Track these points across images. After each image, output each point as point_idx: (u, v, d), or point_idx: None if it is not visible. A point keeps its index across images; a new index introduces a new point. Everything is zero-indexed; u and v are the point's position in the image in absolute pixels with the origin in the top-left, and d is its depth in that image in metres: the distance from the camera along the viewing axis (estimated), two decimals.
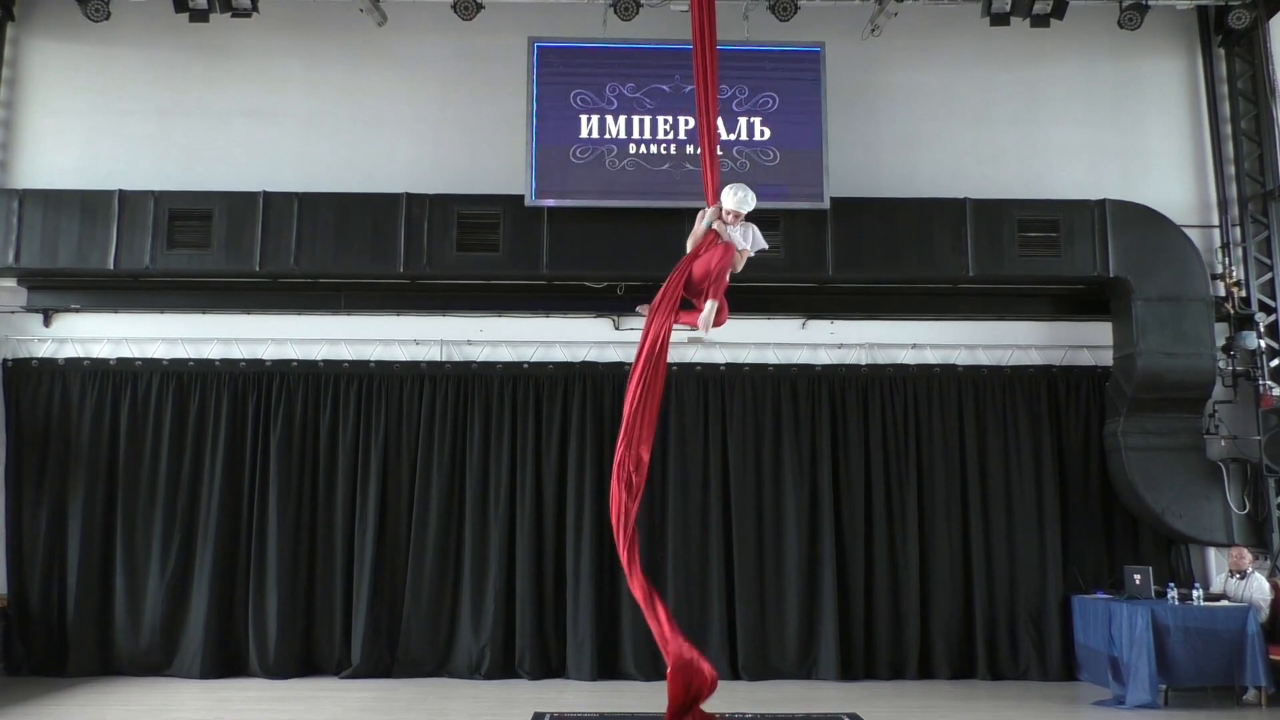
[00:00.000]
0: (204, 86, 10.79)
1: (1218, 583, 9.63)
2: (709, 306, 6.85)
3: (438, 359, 10.45)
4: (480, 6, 10.40)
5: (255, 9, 10.20)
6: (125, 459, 10.10)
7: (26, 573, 9.92)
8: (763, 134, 10.21)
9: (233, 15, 10.17)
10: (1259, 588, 9.07)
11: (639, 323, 10.38)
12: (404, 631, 9.91)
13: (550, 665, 9.90)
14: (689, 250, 6.98)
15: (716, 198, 6.92)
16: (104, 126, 10.68)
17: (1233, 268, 10.52)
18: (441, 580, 9.99)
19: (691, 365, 10.44)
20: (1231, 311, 10.35)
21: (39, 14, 10.84)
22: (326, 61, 10.86)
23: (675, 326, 6.92)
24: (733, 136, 10.17)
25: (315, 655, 9.95)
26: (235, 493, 10.09)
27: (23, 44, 10.87)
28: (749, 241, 7.01)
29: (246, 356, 10.39)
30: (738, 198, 6.88)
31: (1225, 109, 10.91)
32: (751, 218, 10.10)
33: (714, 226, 6.94)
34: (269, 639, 9.79)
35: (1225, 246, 10.63)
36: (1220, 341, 10.21)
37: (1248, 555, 9.36)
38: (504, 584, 9.94)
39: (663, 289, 6.91)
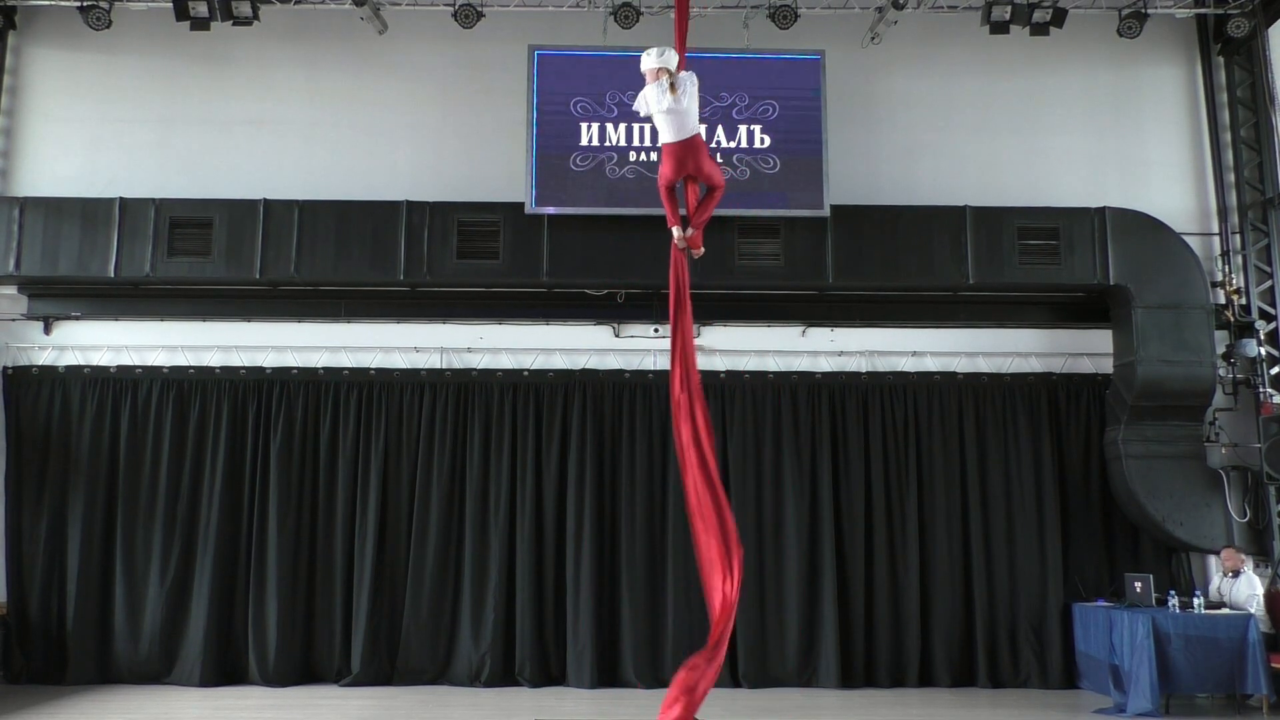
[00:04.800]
0: (205, 94, 10.82)
1: (1214, 584, 9.62)
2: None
3: (438, 366, 10.46)
4: (480, 15, 10.43)
5: (256, 17, 10.22)
6: (125, 467, 10.10)
7: (26, 581, 9.92)
8: (762, 141, 10.23)
9: (234, 23, 10.19)
10: (1248, 584, 9.07)
11: (639, 330, 10.58)
12: (404, 639, 9.90)
13: (550, 673, 9.89)
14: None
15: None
16: (105, 134, 10.70)
17: (1233, 275, 10.54)
18: (441, 588, 9.98)
19: None
20: (1232, 319, 10.36)
21: (40, 22, 10.87)
22: (327, 69, 10.89)
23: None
24: (733, 144, 10.19)
25: (315, 663, 9.94)
26: (235, 501, 10.08)
27: (24, 52, 10.90)
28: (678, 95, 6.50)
29: (247, 364, 10.40)
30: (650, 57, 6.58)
31: (1225, 117, 10.93)
32: (752, 226, 10.21)
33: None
34: (269, 647, 9.78)
35: (1225, 254, 10.64)
36: (1220, 349, 10.21)
37: (1239, 555, 9.35)
38: (504, 592, 9.93)
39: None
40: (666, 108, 6.58)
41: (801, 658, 9.88)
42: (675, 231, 6.84)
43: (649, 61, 6.69)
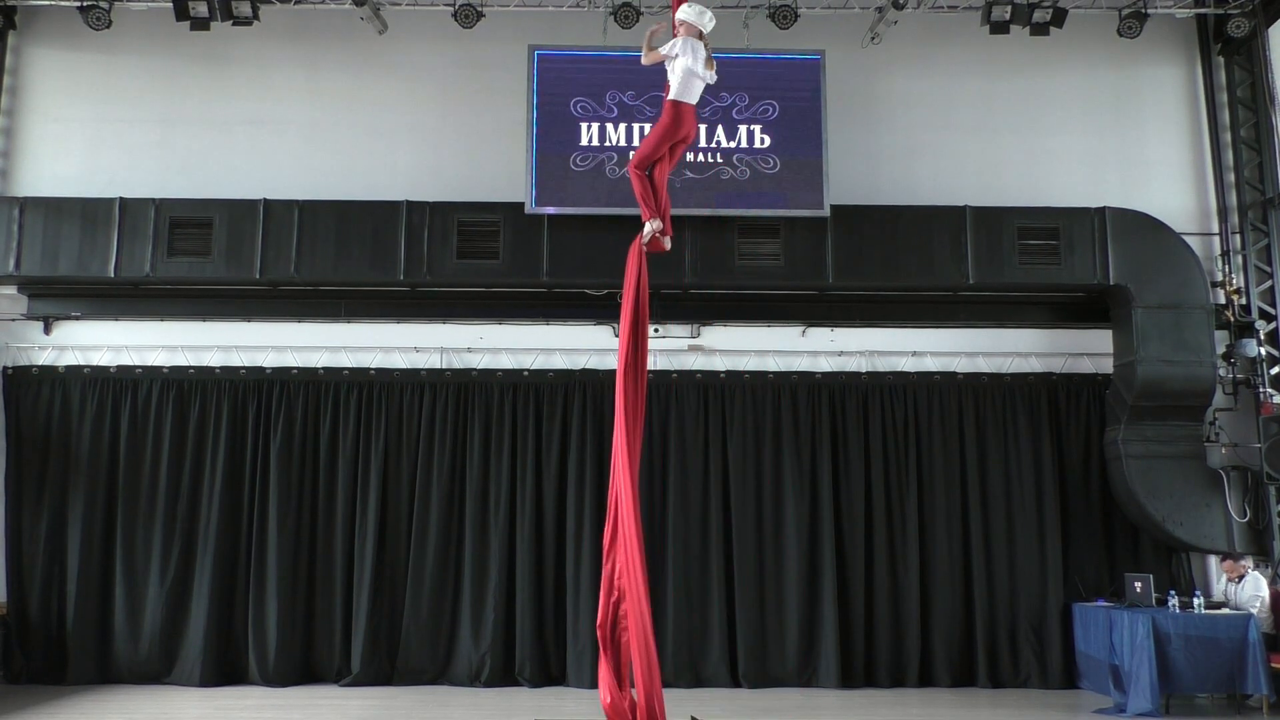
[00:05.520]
0: (205, 95, 10.82)
1: (1218, 587, 9.65)
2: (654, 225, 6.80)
3: (438, 366, 10.46)
4: (480, 15, 10.43)
5: (256, 17, 10.23)
6: (125, 467, 10.10)
7: (26, 581, 9.92)
8: (763, 142, 10.23)
9: (234, 24, 10.20)
10: (1253, 585, 9.07)
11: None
12: (404, 639, 9.90)
13: (550, 673, 9.89)
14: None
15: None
16: (105, 134, 10.70)
17: (1233, 275, 10.54)
18: (441, 588, 9.98)
19: (692, 373, 10.44)
20: (1232, 319, 10.36)
21: (40, 22, 10.87)
22: (327, 69, 10.89)
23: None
24: (733, 144, 10.19)
25: (315, 663, 9.94)
26: (235, 500, 10.08)
27: (24, 52, 10.90)
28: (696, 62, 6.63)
29: (247, 364, 10.40)
30: (694, 11, 6.67)
31: (1225, 117, 10.94)
32: (752, 226, 10.22)
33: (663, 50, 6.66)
34: (269, 647, 9.78)
35: (1225, 254, 10.64)
36: (1220, 349, 10.21)
37: (1239, 564, 9.36)
38: (504, 592, 9.93)
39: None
40: (698, 70, 6.67)
41: (801, 658, 9.88)
42: (650, 226, 6.79)
43: (700, 18, 6.68)
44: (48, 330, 10.49)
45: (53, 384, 10.29)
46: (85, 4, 10.17)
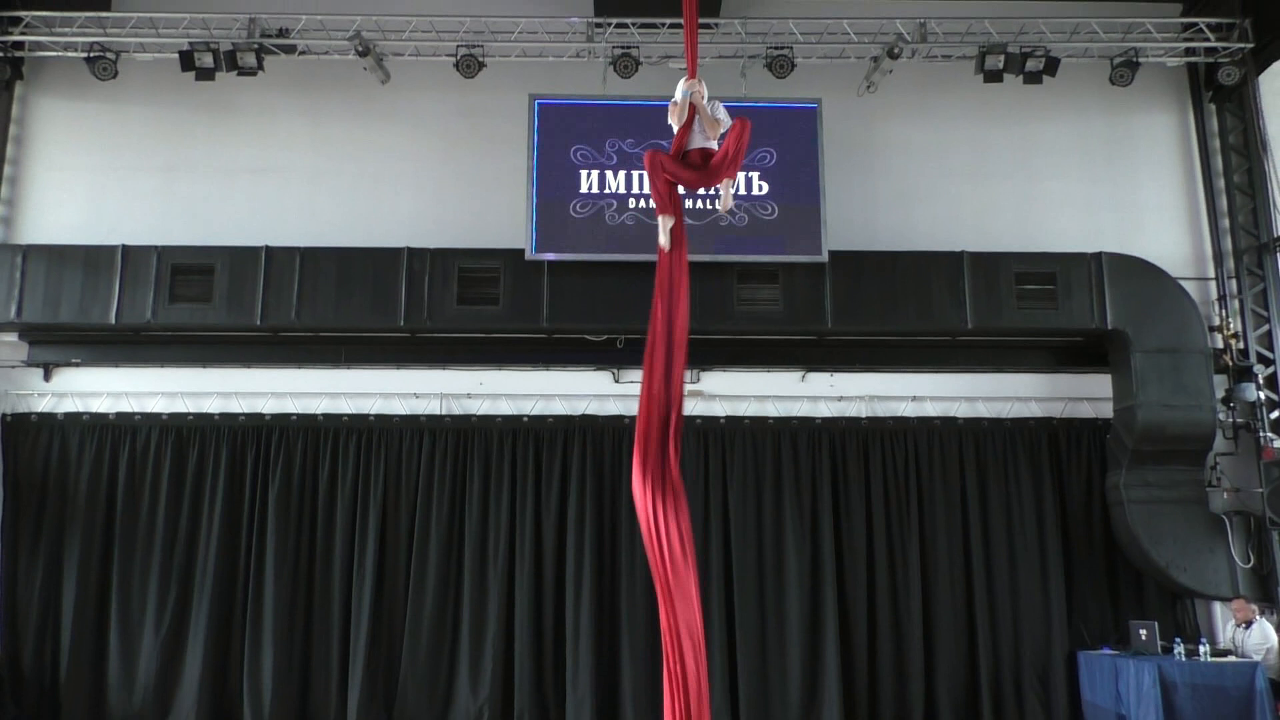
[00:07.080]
0: (208, 143, 10.93)
1: (1225, 634, 9.55)
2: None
3: (437, 412, 10.44)
4: (482, 65, 10.58)
5: (260, 67, 10.38)
6: (122, 514, 10.04)
7: (20, 629, 9.81)
8: (761, 189, 10.32)
9: (238, 74, 10.36)
10: (1261, 634, 8.98)
11: (639, 375, 10.51)
12: (401, 688, 9.76)
13: None
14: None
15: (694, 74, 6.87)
16: (108, 183, 10.79)
17: (1230, 320, 10.57)
18: (439, 636, 9.87)
19: (692, 419, 10.39)
20: (1230, 363, 10.37)
21: (47, 73, 11.01)
22: (330, 118, 11.01)
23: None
24: (731, 191, 10.24)
25: (311, 713, 9.78)
26: (232, 548, 10.01)
27: (30, 102, 11.03)
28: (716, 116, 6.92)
29: (246, 410, 10.39)
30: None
31: (1218, 163, 11.05)
32: (751, 271, 10.26)
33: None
34: (264, 696, 9.64)
35: (1222, 299, 10.69)
36: (1220, 393, 10.21)
37: (1250, 606, 9.28)
38: (503, 640, 9.82)
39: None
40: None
41: (804, 705, 9.73)
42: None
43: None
44: (47, 377, 10.48)
45: (51, 431, 10.26)
46: (92, 55, 10.33)
